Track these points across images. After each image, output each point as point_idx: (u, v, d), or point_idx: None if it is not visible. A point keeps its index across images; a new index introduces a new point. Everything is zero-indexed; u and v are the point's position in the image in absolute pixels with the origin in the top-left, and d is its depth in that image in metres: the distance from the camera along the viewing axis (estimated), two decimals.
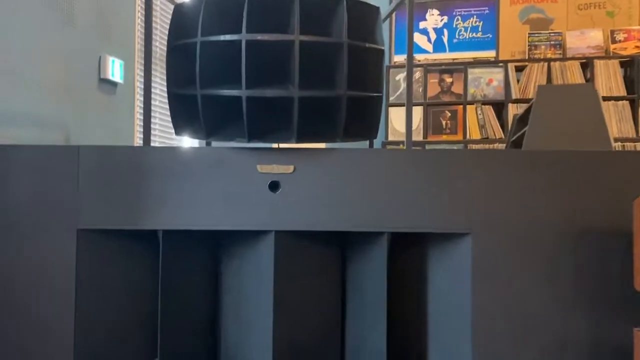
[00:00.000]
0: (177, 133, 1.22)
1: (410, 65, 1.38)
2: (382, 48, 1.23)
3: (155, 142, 2.56)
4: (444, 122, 3.46)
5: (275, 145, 1.24)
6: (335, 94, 1.16)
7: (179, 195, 1.21)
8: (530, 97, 3.28)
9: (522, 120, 2.03)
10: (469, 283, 1.21)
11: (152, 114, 2.63)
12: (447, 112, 3.47)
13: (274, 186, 1.21)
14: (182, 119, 1.21)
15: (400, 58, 3.65)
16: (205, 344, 1.32)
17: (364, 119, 1.22)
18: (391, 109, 3.52)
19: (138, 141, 2.21)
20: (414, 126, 3.47)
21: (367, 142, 1.75)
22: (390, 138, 3.50)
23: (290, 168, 1.21)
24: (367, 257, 1.27)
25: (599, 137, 1.30)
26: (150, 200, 1.20)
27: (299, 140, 1.18)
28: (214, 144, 1.26)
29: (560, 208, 1.21)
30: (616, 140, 3.12)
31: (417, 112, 3.47)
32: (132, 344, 1.26)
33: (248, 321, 1.28)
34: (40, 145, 1.22)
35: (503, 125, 3.33)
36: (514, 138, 2.00)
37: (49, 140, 1.66)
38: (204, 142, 1.69)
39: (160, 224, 1.20)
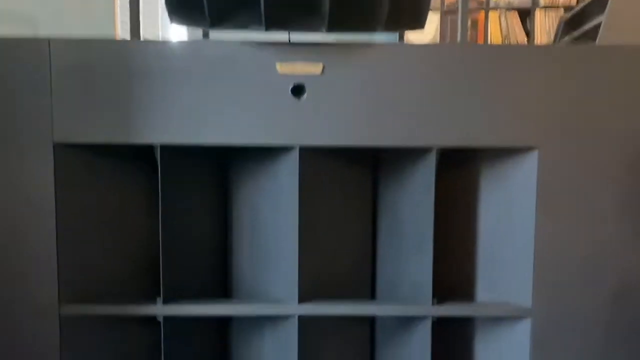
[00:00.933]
0: (172, 21, 0.95)
1: None
2: None
3: None
4: None
5: (296, 38, 0.99)
6: None
7: (179, 102, 0.96)
8: (561, 3, 2.95)
9: (570, 23, 1.75)
10: (533, 208, 1.00)
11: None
12: None
13: (297, 91, 0.97)
14: (179, 1, 0.94)
15: None
16: (216, 279, 1.12)
17: (412, 2, 0.95)
18: None
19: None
20: (430, 36, 3.16)
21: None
22: None
23: (319, 67, 0.96)
24: (409, 179, 1.05)
25: None
26: (142, 108, 0.96)
27: (330, 29, 0.92)
28: (218, 36, 1.00)
29: None
30: None
31: (433, 21, 3.14)
32: (128, 280, 1.06)
33: (267, 252, 1.07)
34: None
35: (528, 34, 3.03)
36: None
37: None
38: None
39: (156, 137, 0.97)
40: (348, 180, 1.10)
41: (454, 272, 1.11)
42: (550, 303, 1.01)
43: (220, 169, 1.10)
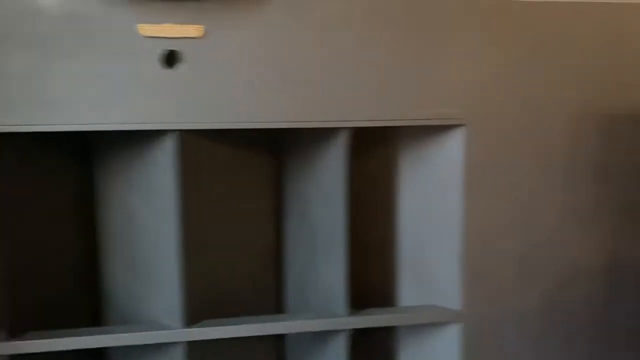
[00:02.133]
0: None
1: None
2: None
3: None
4: None
5: None
6: None
7: (11, 76, 0.72)
8: None
9: None
10: (461, 196, 0.86)
11: None
12: None
13: (170, 59, 0.76)
14: None
15: None
16: (82, 300, 0.90)
17: None
18: None
19: None
20: None
21: None
22: None
23: (199, 29, 0.75)
24: (317, 166, 0.88)
25: None
26: None
27: None
28: None
29: (579, 84, 0.86)
30: None
31: None
32: None
33: (144, 263, 0.86)
34: None
35: None
36: None
37: None
38: None
39: None
40: (245, 170, 0.91)
41: (372, 272, 0.96)
42: (482, 305, 0.88)
43: (80, 161, 0.87)
